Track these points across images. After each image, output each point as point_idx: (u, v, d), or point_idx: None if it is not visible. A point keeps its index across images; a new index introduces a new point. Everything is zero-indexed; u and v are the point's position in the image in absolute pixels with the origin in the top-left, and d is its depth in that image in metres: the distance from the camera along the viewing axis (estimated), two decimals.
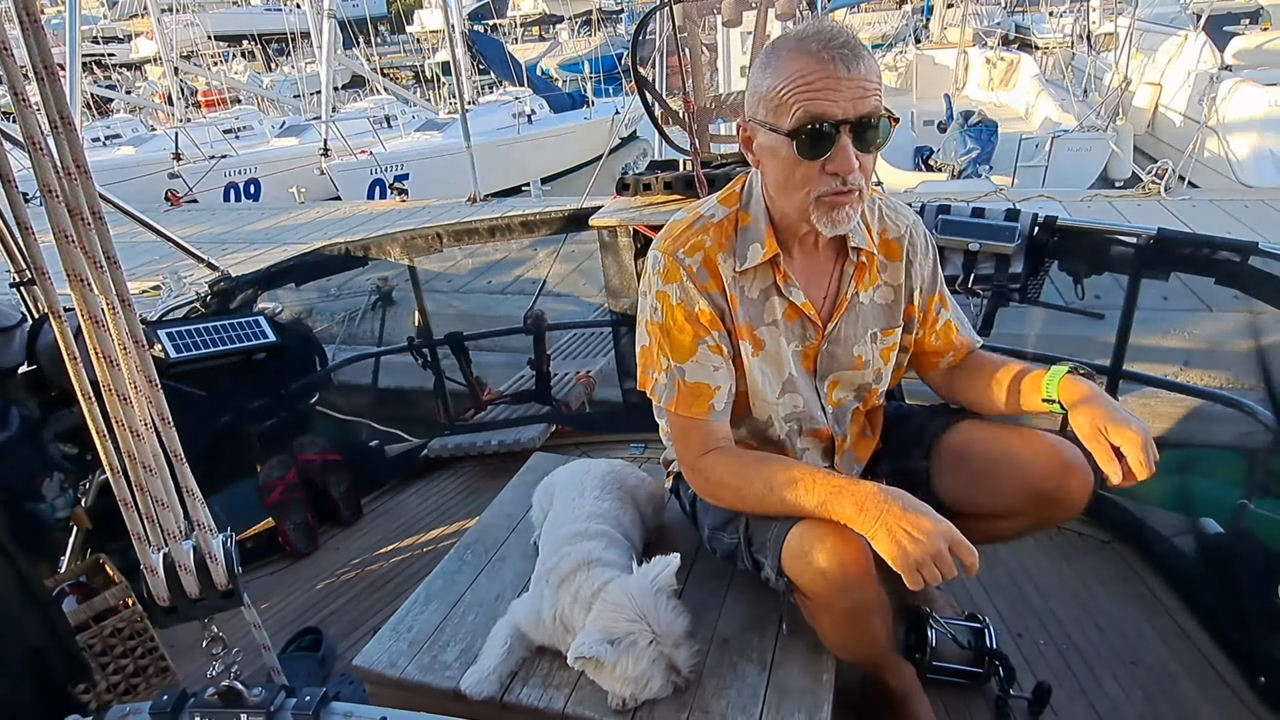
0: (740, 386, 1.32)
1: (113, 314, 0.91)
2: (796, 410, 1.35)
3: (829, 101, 1.09)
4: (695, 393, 1.26)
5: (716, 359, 1.27)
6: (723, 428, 1.29)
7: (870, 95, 1.10)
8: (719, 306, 1.27)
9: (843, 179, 1.13)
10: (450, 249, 2.88)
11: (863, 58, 1.09)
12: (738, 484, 1.23)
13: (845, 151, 1.11)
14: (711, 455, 1.27)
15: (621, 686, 1.23)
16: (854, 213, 1.18)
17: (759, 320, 1.30)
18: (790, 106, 1.11)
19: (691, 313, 1.26)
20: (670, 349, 1.27)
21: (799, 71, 1.10)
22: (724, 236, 1.28)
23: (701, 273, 1.26)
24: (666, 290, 1.27)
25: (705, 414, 1.26)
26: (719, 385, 1.27)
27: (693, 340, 1.26)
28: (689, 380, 1.26)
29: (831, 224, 1.18)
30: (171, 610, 0.99)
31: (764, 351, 1.30)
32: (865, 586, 1.16)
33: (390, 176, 11.74)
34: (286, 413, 2.61)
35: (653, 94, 2.50)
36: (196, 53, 21.13)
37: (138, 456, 0.93)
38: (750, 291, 1.29)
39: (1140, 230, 2.00)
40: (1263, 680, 1.61)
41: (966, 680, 1.60)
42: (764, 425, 1.36)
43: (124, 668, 1.77)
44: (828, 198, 1.15)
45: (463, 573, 1.62)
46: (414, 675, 1.36)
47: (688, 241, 1.28)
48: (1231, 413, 2.14)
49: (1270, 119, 8.77)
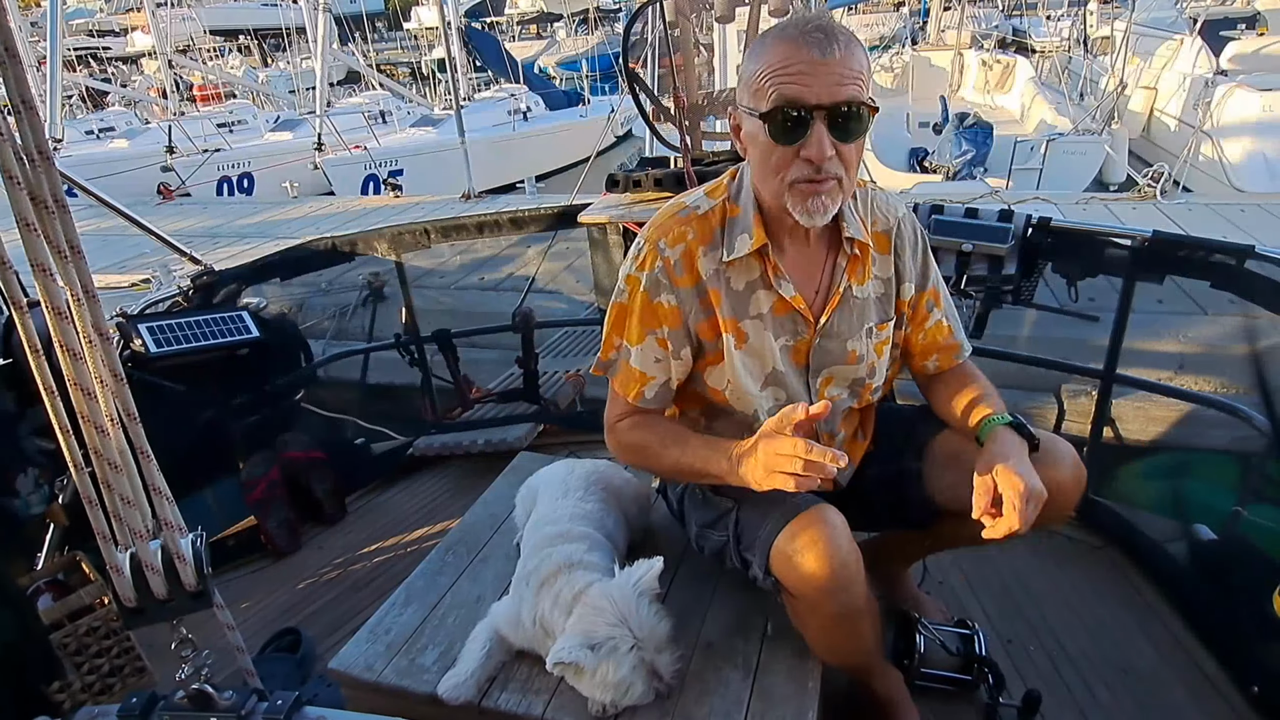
0: (716, 384, 1.31)
1: (77, 305, 0.88)
2: (779, 403, 1.32)
3: (803, 86, 1.08)
4: (632, 376, 1.31)
5: (660, 351, 1.29)
6: (649, 409, 1.34)
7: (848, 83, 1.08)
8: (687, 302, 1.26)
9: (817, 166, 1.11)
10: (439, 246, 2.86)
11: (841, 45, 1.07)
12: (652, 445, 1.30)
13: (818, 138, 1.09)
14: (631, 418, 1.34)
15: (602, 693, 1.21)
16: (830, 203, 1.15)
17: (744, 313, 1.27)
18: (767, 91, 1.10)
19: (652, 303, 1.27)
20: (624, 330, 1.31)
21: (777, 56, 1.10)
22: (707, 229, 1.27)
23: (679, 265, 1.25)
24: (637, 276, 1.28)
25: (635, 398, 1.31)
26: (654, 376, 1.31)
27: (644, 328, 1.28)
28: (631, 363, 1.30)
29: (806, 213, 1.16)
30: (138, 611, 0.96)
31: (747, 345, 1.28)
32: (854, 589, 1.15)
33: (384, 172, 11.67)
34: (270, 409, 2.57)
35: (644, 90, 2.47)
36: (192, 47, 21.05)
37: (103, 453, 0.90)
38: (735, 283, 1.27)
39: (1136, 232, 1.98)
40: (1256, 690, 1.59)
41: (955, 687, 1.57)
42: (749, 420, 1.33)
43: (99, 667, 1.73)
44: (802, 184, 1.14)
45: (444, 574, 1.59)
46: (391, 679, 1.34)
47: (671, 231, 1.27)
48: (1225, 417, 2.12)
49: (1264, 123, 8.81)
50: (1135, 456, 2.48)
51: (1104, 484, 2.26)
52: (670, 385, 1.32)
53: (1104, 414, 2.17)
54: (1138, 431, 2.55)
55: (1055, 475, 1.23)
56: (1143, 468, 2.44)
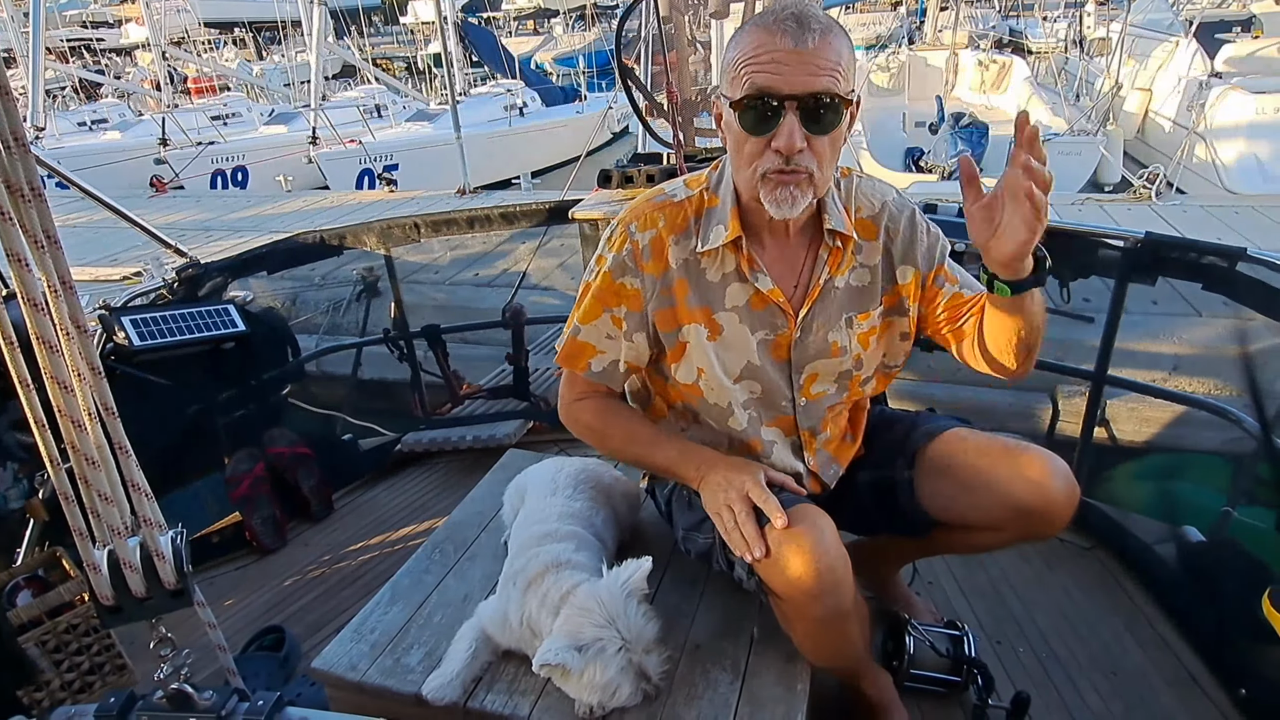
0: (686, 379, 1.30)
1: (54, 297, 0.86)
2: (754, 396, 1.31)
3: (774, 75, 1.06)
4: (580, 349, 1.31)
5: (613, 329, 1.29)
6: (600, 386, 1.35)
7: (823, 74, 1.06)
8: (649, 288, 1.26)
9: (787, 157, 1.09)
10: (433, 241, 2.84)
11: (817, 35, 1.05)
12: (601, 429, 1.35)
13: (789, 128, 1.07)
14: (584, 402, 1.36)
15: (589, 694, 1.19)
16: (800, 196, 1.13)
17: (718, 304, 1.26)
18: (741, 79, 1.09)
19: (615, 283, 1.27)
20: (581, 309, 1.31)
21: (752, 44, 1.08)
22: (679, 217, 1.26)
23: (646, 251, 1.25)
24: (606, 255, 1.28)
25: (582, 369, 1.32)
26: (603, 350, 1.31)
27: (601, 305, 1.29)
28: (580, 339, 1.31)
29: (775, 204, 1.14)
30: (116, 610, 0.94)
31: (721, 337, 1.27)
32: (841, 592, 1.13)
33: (379, 166, 11.59)
34: (256, 404, 2.55)
35: (637, 85, 2.46)
36: (187, 39, 20.94)
37: (81, 448, 0.89)
38: (710, 274, 1.25)
39: (1128, 233, 1.97)
40: (1244, 692, 1.59)
41: (944, 689, 1.57)
42: (724, 413, 1.32)
43: (79, 665, 1.71)
44: (772, 175, 1.12)
45: (430, 572, 1.58)
46: (375, 679, 1.32)
47: (643, 216, 1.26)
48: (1217, 419, 2.12)
49: (1257, 126, 8.85)
50: (1126, 458, 2.48)
51: (1094, 485, 2.26)
52: (619, 366, 1.31)
53: (1094, 415, 2.17)
54: (1130, 433, 2.55)
55: (1047, 491, 1.22)
56: (1133, 469, 2.44)
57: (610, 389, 1.36)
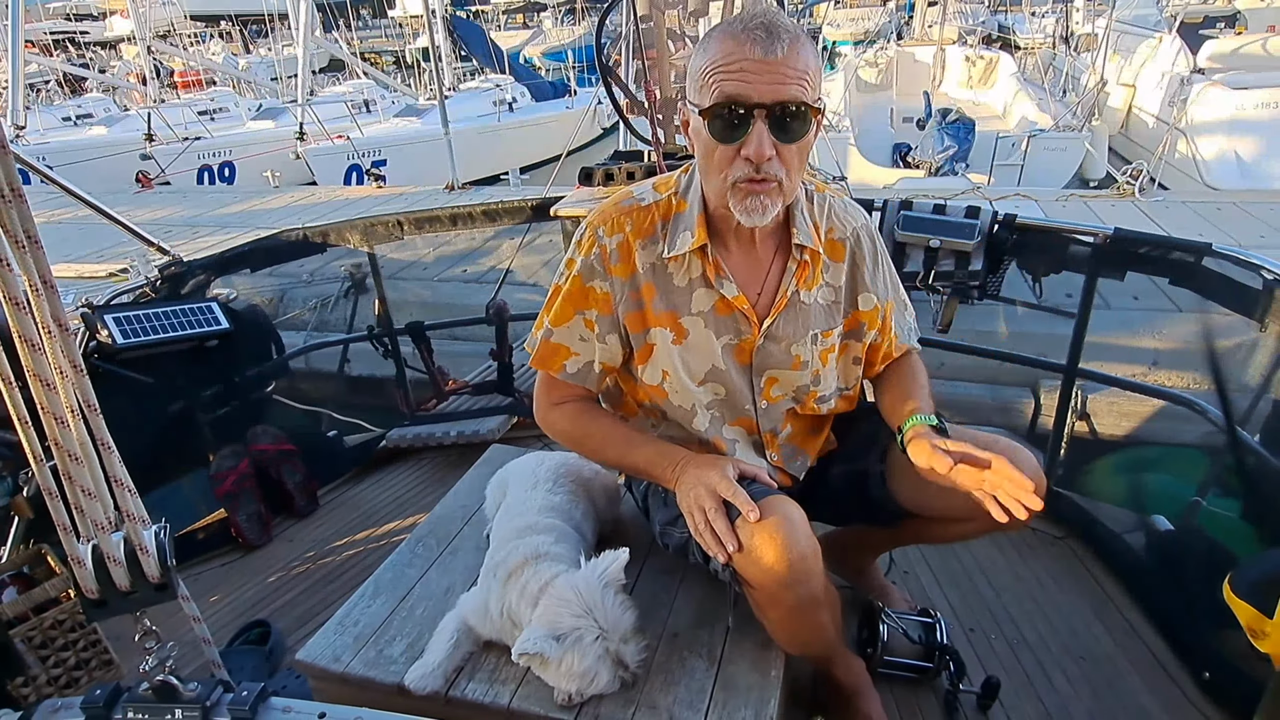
0: (652, 380, 1.33)
1: (35, 296, 0.88)
2: (719, 398, 1.34)
3: (744, 84, 1.07)
4: (554, 351, 1.33)
5: (586, 332, 1.32)
6: (577, 388, 1.36)
7: (791, 83, 1.07)
8: (618, 291, 1.28)
9: (756, 166, 1.11)
10: (417, 238, 2.84)
11: (786, 43, 1.06)
12: (579, 435, 1.37)
13: (758, 137, 1.09)
14: (561, 407, 1.38)
15: (567, 682, 1.22)
16: (769, 204, 1.15)
17: (685, 309, 1.28)
18: (710, 87, 1.10)
19: (585, 286, 1.29)
20: (552, 312, 1.33)
21: (720, 52, 1.09)
22: (646, 221, 1.28)
23: (614, 255, 1.27)
24: (575, 258, 1.31)
25: (557, 371, 1.34)
26: (577, 352, 1.33)
27: (573, 308, 1.31)
28: (553, 341, 1.33)
29: (745, 212, 1.16)
30: (101, 603, 0.96)
31: (687, 341, 1.29)
32: (812, 580, 1.16)
33: (367, 162, 11.56)
34: (240, 401, 2.56)
35: (617, 82, 2.47)
36: (173, 32, 20.75)
37: (63, 445, 0.90)
38: (677, 279, 1.28)
39: (1097, 229, 2.01)
40: (1207, 676, 1.63)
41: (917, 675, 1.61)
42: (688, 414, 1.35)
43: (65, 661, 1.72)
44: (742, 184, 1.14)
45: (413, 565, 1.60)
46: (358, 670, 1.34)
47: (610, 220, 1.28)
48: (1188, 412, 2.17)
49: (1236, 122, 8.93)
50: (1105, 451, 2.52)
51: (1072, 478, 2.30)
52: (594, 366, 1.34)
53: (1066, 408, 2.21)
54: (1109, 426, 2.59)
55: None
56: (1110, 462, 2.48)
57: (587, 390, 1.37)
